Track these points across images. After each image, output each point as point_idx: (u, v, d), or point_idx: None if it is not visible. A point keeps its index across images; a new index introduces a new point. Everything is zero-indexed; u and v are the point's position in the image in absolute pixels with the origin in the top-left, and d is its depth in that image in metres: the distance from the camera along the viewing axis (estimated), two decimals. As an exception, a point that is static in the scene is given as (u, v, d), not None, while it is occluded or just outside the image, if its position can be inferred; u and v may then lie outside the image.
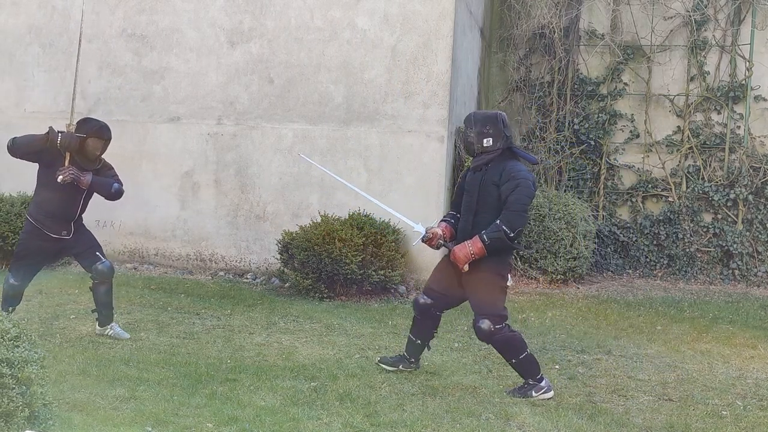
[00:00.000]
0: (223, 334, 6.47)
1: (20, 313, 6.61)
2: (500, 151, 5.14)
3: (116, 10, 9.45)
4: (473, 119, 5.21)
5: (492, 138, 5.11)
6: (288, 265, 8.25)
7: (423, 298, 5.39)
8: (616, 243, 10.90)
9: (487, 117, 5.23)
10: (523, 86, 11.35)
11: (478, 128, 5.14)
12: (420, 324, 5.47)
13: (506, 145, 5.16)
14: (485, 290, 5.09)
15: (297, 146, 9.01)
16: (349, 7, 8.88)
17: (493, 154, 5.12)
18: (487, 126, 5.13)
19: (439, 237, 5.25)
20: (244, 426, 4.32)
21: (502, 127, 5.14)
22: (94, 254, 6.12)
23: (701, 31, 10.80)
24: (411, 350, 5.54)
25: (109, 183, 6.10)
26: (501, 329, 5.07)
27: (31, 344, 3.64)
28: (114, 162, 9.47)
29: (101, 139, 6.01)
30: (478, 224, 5.09)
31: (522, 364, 5.15)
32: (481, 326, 5.05)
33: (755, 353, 6.56)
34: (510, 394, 5.15)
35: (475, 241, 5.00)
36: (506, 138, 5.15)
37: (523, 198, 5.01)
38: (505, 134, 5.15)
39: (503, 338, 5.09)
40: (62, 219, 5.97)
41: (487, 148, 5.12)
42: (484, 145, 5.12)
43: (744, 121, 10.67)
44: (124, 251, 9.43)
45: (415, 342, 5.50)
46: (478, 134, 5.13)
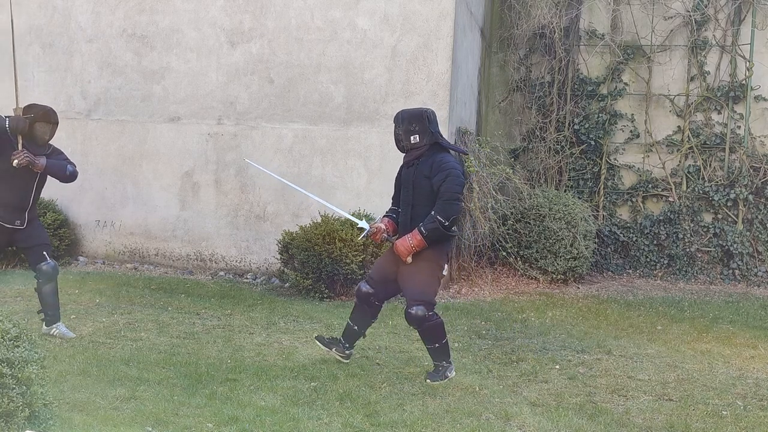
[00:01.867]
0: (224, 334, 6.46)
1: (20, 314, 6.61)
2: (427, 146, 5.34)
3: (116, 10, 9.45)
4: (400, 118, 5.39)
5: (418, 135, 5.32)
6: (288, 265, 8.25)
7: (365, 287, 5.54)
8: (616, 243, 10.90)
9: (413, 115, 5.40)
10: (524, 86, 11.35)
11: (405, 126, 5.34)
12: (359, 311, 5.62)
13: (432, 141, 5.35)
14: (421, 278, 5.27)
15: (297, 146, 9.01)
16: (349, 7, 8.88)
17: (422, 149, 5.33)
18: (413, 124, 5.33)
19: (382, 232, 5.42)
20: (244, 426, 4.32)
21: (428, 124, 5.34)
22: (41, 254, 6.04)
23: (701, 31, 10.80)
24: (347, 336, 5.69)
25: (63, 165, 6.07)
26: (432, 316, 5.28)
27: (31, 344, 3.64)
28: (114, 162, 9.54)
29: (49, 122, 5.99)
30: (416, 217, 5.29)
31: (442, 349, 5.39)
32: (416, 313, 5.22)
33: (755, 353, 6.56)
34: (430, 378, 5.35)
35: (415, 234, 5.20)
36: (432, 134, 5.35)
37: (454, 187, 5.21)
38: (431, 130, 5.34)
39: (433, 325, 5.30)
40: (16, 208, 5.92)
41: (415, 145, 5.33)
42: (412, 141, 5.33)
43: (744, 121, 10.67)
44: (125, 251, 9.44)
45: (353, 328, 5.65)
46: (405, 132, 5.34)
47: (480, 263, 9.65)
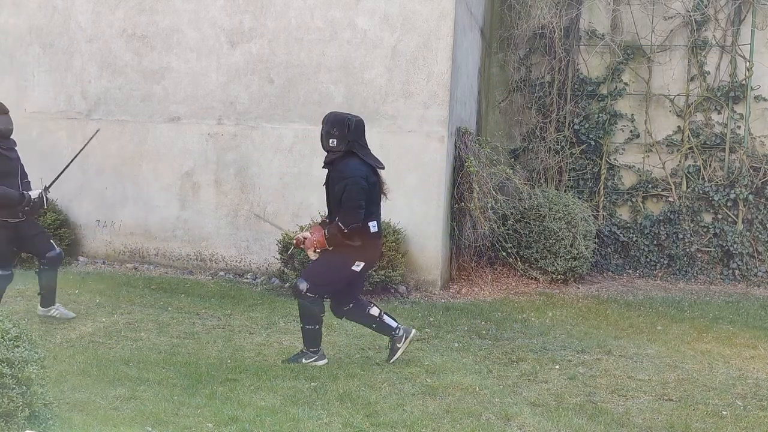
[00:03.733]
0: (224, 334, 6.47)
1: (20, 314, 6.62)
2: (342, 152, 5.54)
3: (116, 10, 9.45)
4: (326, 119, 5.62)
5: (336, 139, 5.53)
6: (288, 265, 8.25)
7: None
8: (616, 243, 10.90)
9: (337, 119, 5.59)
10: (524, 86, 11.35)
11: (327, 128, 5.57)
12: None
13: (348, 149, 5.55)
14: (319, 262, 5.59)
15: (297, 146, 9.01)
16: (349, 7, 8.88)
17: (337, 154, 5.55)
18: (335, 128, 5.54)
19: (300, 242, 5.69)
20: (244, 426, 4.32)
21: (347, 132, 5.53)
22: (48, 241, 6.53)
23: (701, 31, 10.80)
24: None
25: None
26: (308, 296, 5.54)
27: (31, 344, 3.65)
28: (114, 162, 9.53)
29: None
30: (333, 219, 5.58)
31: (308, 333, 5.66)
32: (298, 284, 5.57)
33: (755, 353, 6.56)
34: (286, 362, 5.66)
35: (322, 234, 5.55)
36: (349, 142, 5.54)
37: (353, 195, 5.43)
38: (349, 138, 5.53)
39: (306, 304, 5.58)
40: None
41: (332, 148, 5.56)
42: (330, 144, 5.56)
43: (744, 121, 10.67)
44: (125, 251, 9.44)
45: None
46: (326, 133, 5.57)
47: (480, 263, 9.65)
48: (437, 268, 8.67)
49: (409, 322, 7.20)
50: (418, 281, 8.65)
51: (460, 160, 9.06)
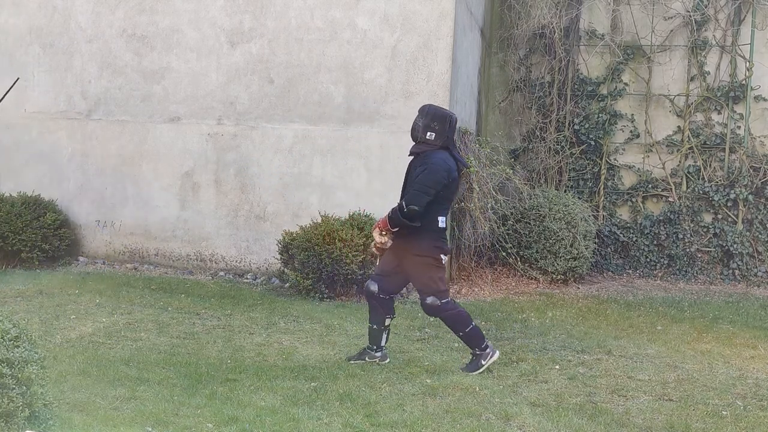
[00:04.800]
0: (224, 335, 6.46)
1: (20, 314, 6.62)
2: (437, 147, 5.52)
3: (116, 11, 9.45)
4: (426, 111, 5.59)
5: (435, 134, 5.50)
6: (288, 265, 8.25)
7: (370, 284, 5.72)
8: (616, 243, 10.90)
9: (438, 114, 5.59)
10: (524, 86, 11.35)
11: (427, 120, 5.52)
12: (372, 310, 5.77)
13: (444, 145, 5.53)
14: (419, 272, 5.53)
15: (297, 146, 9.01)
16: (349, 7, 8.88)
17: (431, 147, 5.51)
18: (435, 122, 5.52)
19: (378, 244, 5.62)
20: (244, 426, 4.32)
21: (447, 128, 5.53)
22: None
23: (701, 31, 10.80)
24: (372, 338, 5.80)
25: None
26: (447, 304, 5.52)
27: (31, 344, 3.64)
28: (114, 162, 9.54)
29: None
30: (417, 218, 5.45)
31: (469, 335, 5.59)
32: (430, 302, 5.52)
33: (755, 353, 6.56)
34: (466, 369, 5.57)
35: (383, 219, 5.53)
36: (447, 138, 5.54)
37: (427, 179, 5.37)
38: (447, 135, 5.53)
39: (451, 314, 5.55)
40: None
41: (428, 140, 5.52)
42: (427, 137, 5.51)
43: (744, 121, 10.67)
44: (125, 251, 9.44)
45: (372, 328, 5.78)
46: (425, 126, 5.51)
47: (480, 263, 9.65)
48: (437, 268, 8.66)
49: (409, 322, 7.21)
50: (418, 281, 8.64)
51: (460, 160, 9.05)
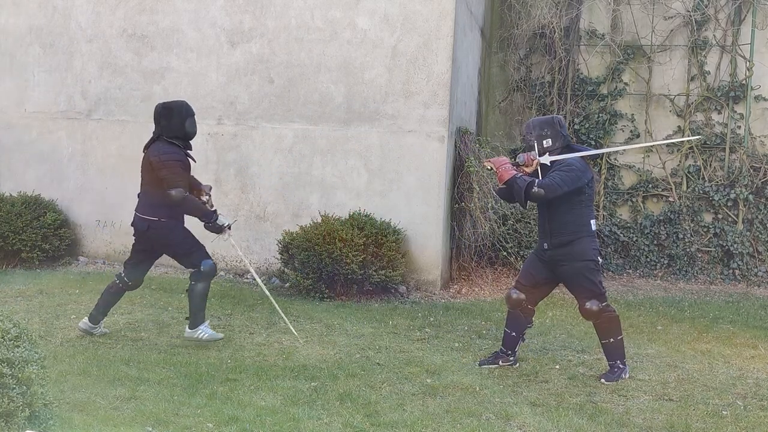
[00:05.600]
0: (224, 334, 6.46)
1: (20, 314, 6.62)
2: (560, 149, 5.61)
3: (116, 10, 9.45)
4: (531, 125, 5.69)
5: (551, 138, 5.60)
6: (288, 265, 8.25)
7: (515, 293, 5.77)
8: (616, 243, 10.90)
9: (543, 121, 5.69)
10: (524, 86, 11.35)
11: (537, 132, 5.62)
12: (513, 317, 5.85)
13: (565, 143, 5.65)
14: (581, 276, 5.55)
15: (297, 146, 9.01)
16: (350, 7, 8.88)
17: (555, 152, 5.60)
18: (545, 129, 5.61)
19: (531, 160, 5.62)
20: (244, 426, 4.33)
21: (559, 128, 5.63)
22: None
23: (702, 31, 10.80)
24: (508, 343, 5.88)
25: None
26: (607, 307, 5.58)
27: (31, 344, 3.64)
28: (114, 162, 9.53)
29: None
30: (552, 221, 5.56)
31: (616, 345, 5.62)
32: (590, 307, 5.52)
33: (756, 353, 6.56)
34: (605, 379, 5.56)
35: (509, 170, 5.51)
36: (563, 137, 5.64)
37: (565, 176, 5.40)
38: (562, 133, 5.64)
39: (608, 317, 5.58)
40: None
41: (548, 148, 5.59)
42: (545, 145, 5.60)
43: (744, 120, 10.67)
44: (125, 251, 9.40)
45: (511, 335, 5.86)
46: (538, 137, 5.60)
47: (480, 263, 9.64)
48: (437, 268, 8.67)
49: (409, 322, 7.21)
50: (419, 281, 8.65)
51: (460, 160, 9.07)
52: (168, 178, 5.88)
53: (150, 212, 6.02)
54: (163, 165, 5.90)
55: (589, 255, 5.54)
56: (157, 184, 5.95)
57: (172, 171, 5.90)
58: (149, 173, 6.02)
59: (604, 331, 5.61)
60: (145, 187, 6.11)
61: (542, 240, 5.69)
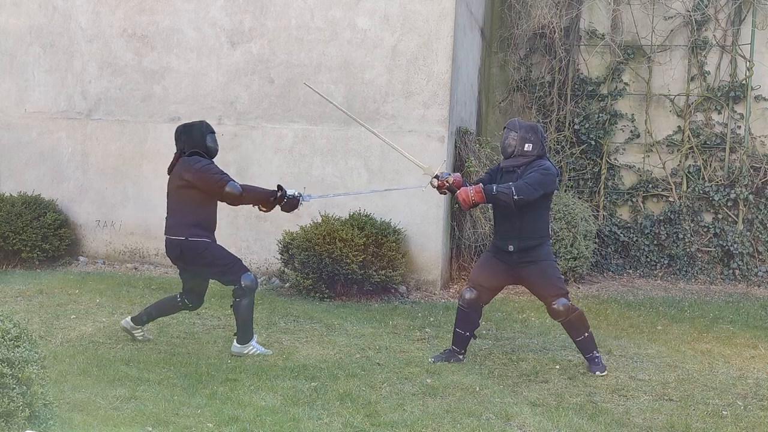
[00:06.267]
0: (224, 334, 6.47)
1: (20, 314, 6.62)
2: (535, 157, 5.69)
3: (117, 11, 9.45)
4: (518, 125, 5.75)
5: (532, 144, 5.68)
6: (288, 265, 8.25)
7: (469, 292, 5.84)
8: (616, 243, 10.90)
9: (530, 126, 5.78)
10: (524, 86, 11.35)
11: (522, 133, 5.69)
12: (465, 316, 5.90)
13: (541, 153, 5.73)
14: (547, 275, 5.65)
15: (297, 146, 9.01)
16: (350, 7, 8.88)
17: (529, 158, 5.67)
18: (530, 133, 5.69)
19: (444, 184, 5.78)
20: (244, 426, 4.33)
21: (541, 138, 5.73)
22: None
23: (702, 31, 10.80)
24: (459, 342, 5.94)
25: None
26: (574, 307, 5.67)
27: (31, 344, 3.64)
28: (115, 162, 9.54)
29: None
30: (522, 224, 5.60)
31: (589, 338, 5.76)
32: (558, 307, 5.61)
33: (756, 353, 6.56)
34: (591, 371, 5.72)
35: (477, 190, 5.55)
36: (542, 147, 5.73)
37: (538, 177, 5.52)
38: (542, 143, 5.73)
39: (576, 316, 5.67)
40: None
41: (526, 152, 5.67)
42: (525, 149, 5.67)
43: (744, 120, 10.67)
44: (125, 251, 9.44)
45: (464, 335, 5.91)
46: (521, 138, 5.67)
47: (480, 263, 9.63)
48: (437, 268, 8.67)
49: (409, 322, 7.21)
50: (419, 281, 8.65)
51: (460, 160, 9.06)
52: (215, 180, 5.71)
53: (180, 232, 5.82)
54: (202, 172, 5.73)
55: (549, 254, 5.74)
56: (191, 200, 5.77)
57: (213, 172, 5.75)
58: (180, 191, 5.83)
59: (575, 329, 5.73)
60: (175, 206, 5.91)
61: (506, 242, 5.69)
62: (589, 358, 5.79)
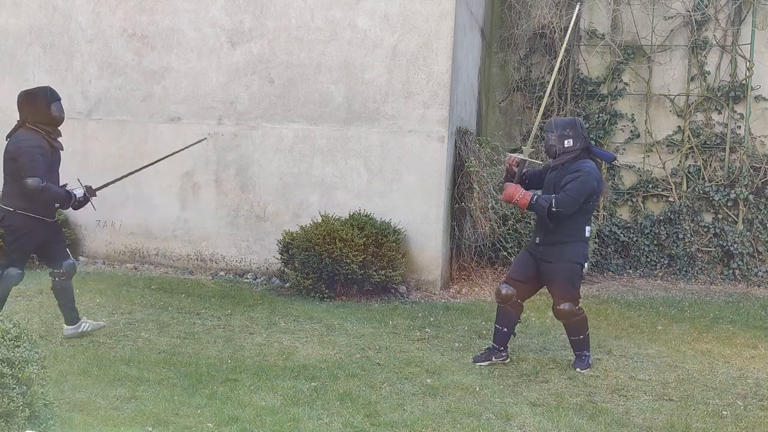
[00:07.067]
0: (224, 334, 6.47)
1: (20, 314, 6.62)
2: (579, 150, 5.67)
3: (117, 11, 9.45)
4: (554, 124, 5.74)
5: (572, 139, 5.66)
6: (288, 265, 8.25)
7: (505, 288, 5.84)
8: (616, 243, 10.90)
9: (566, 122, 5.76)
10: (524, 86, 11.35)
11: (559, 131, 5.68)
12: (504, 312, 5.90)
13: (585, 145, 5.70)
14: (562, 278, 5.66)
15: (297, 146, 9.01)
16: (350, 7, 8.88)
17: (574, 153, 5.65)
18: (567, 129, 5.68)
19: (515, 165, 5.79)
20: (244, 426, 4.33)
21: (580, 130, 5.69)
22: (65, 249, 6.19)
23: (702, 31, 10.80)
24: (499, 339, 5.93)
25: None
26: (579, 311, 5.73)
27: (31, 344, 3.64)
28: (115, 162, 9.54)
29: None
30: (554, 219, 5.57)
31: (585, 340, 5.84)
32: (563, 308, 5.68)
33: (756, 353, 6.56)
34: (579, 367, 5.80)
35: (526, 195, 5.60)
36: (584, 139, 5.70)
37: (581, 188, 5.51)
38: (583, 135, 5.70)
39: (579, 319, 5.75)
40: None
41: (568, 148, 5.66)
42: (565, 145, 5.66)
43: (744, 120, 10.67)
44: (125, 251, 9.44)
45: (502, 330, 5.91)
46: (559, 137, 5.67)
47: (480, 263, 9.64)
48: (437, 268, 8.67)
49: (409, 322, 7.21)
50: (419, 281, 8.65)
51: (460, 160, 9.06)
52: (26, 166, 5.63)
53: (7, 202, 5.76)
54: (21, 152, 5.65)
55: (577, 258, 5.67)
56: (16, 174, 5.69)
57: (32, 158, 5.65)
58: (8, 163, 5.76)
59: (574, 330, 5.81)
60: (6, 177, 5.82)
61: (536, 233, 5.81)
62: (578, 355, 5.87)
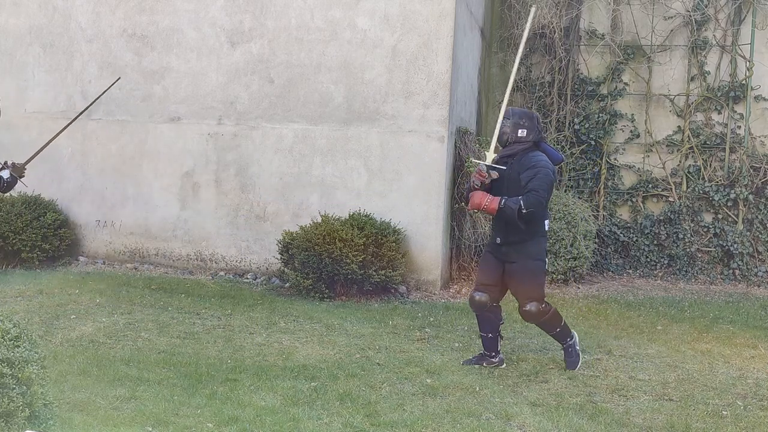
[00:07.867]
0: (224, 334, 6.47)
1: (20, 314, 6.62)
2: (531, 143, 5.65)
3: (116, 10, 9.45)
4: (511, 112, 5.73)
5: (526, 130, 5.65)
6: (288, 265, 8.25)
7: (478, 295, 5.75)
8: (616, 243, 10.90)
9: (524, 112, 5.79)
10: (524, 86, 11.35)
11: (515, 120, 5.67)
12: (483, 319, 5.83)
13: (537, 139, 5.69)
14: (527, 277, 5.60)
15: (297, 146, 9.01)
16: (350, 7, 8.88)
17: (525, 145, 5.63)
18: (523, 119, 5.68)
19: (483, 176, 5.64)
20: (244, 426, 4.33)
21: (536, 123, 5.69)
22: None
23: (702, 31, 10.80)
24: (487, 345, 5.84)
25: None
26: (546, 308, 5.65)
27: (31, 344, 3.64)
28: (114, 162, 9.54)
29: None
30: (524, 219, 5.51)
31: (562, 331, 5.79)
32: (529, 309, 5.60)
33: (756, 353, 6.56)
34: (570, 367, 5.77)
35: (493, 200, 5.52)
36: (538, 132, 5.69)
37: (543, 184, 5.49)
38: (538, 128, 5.70)
39: (549, 317, 5.67)
40: None
41: (520, 138, 5.64)
42: (518, 135, 5.64)
43: (744, 120, 10.67)
44: (125, 251, 9.44)
45: (488, 337, 5.83)
46: (514, 125, 5.65)
47: (480, 263, 9.64)
48: (437, 268, 8.67)
49: (409, 322, 7.21)
50: (418, 281, 8.65)
51: (460, 160, 9.06)
52: None
53: None
54: None
55: (540, 255, 5.65)
56: None
57: None
58: None
59: (549, 327, 5.75)
60: None
61: (495, 234, 5.73)
62: (565, 349, 5.84)
